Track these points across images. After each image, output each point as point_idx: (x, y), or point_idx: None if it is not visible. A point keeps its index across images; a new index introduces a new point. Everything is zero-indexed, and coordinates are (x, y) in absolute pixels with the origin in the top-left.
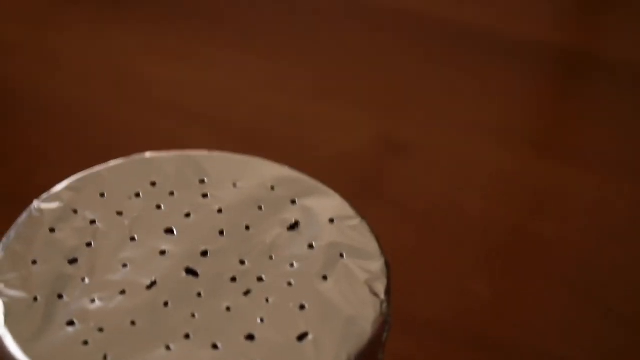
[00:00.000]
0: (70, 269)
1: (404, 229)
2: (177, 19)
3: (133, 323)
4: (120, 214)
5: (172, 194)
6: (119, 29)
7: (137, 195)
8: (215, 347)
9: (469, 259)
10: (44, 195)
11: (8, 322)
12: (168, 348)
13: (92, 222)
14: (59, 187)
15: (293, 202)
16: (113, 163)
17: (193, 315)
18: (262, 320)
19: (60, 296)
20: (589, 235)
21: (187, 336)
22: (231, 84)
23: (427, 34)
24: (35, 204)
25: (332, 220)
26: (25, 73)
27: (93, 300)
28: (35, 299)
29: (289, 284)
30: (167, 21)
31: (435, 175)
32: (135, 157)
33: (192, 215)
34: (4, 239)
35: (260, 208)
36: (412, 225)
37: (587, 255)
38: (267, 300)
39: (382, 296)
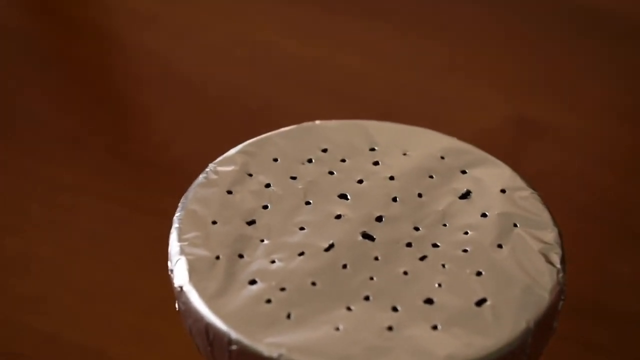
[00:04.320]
0: (249, 230)
1: None
2: None
3: (314, 284)
4: (294, 178)
5: (343, 160)
6: (253, 5)
7: (310, 160)
8: (395, 309)
9: (608, 238)
10: (219, 159)
11: (192, 279)
12: (349, 309)
13: (267, 185)
14: (232, 151)
15: (463, 172)
16: (283, 129)
17: (371, 278)
18: (439, 285)
19: (240, 256)
20: None
21: (366, 298)
22: (365, 60)
23: (561, 15)
24: (211, 166)
25: (503, 191)
26: (163, 45)
27: (273, 261)
28: (217, 257)
29: (464, 250)
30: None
31: (571, 155)
32: (305, 124)
33: (364, 182)
34: (182, 199)
35: (431, 177)
36: (550, 205)
37: None
38: (443, 266)
39: (558, 265)
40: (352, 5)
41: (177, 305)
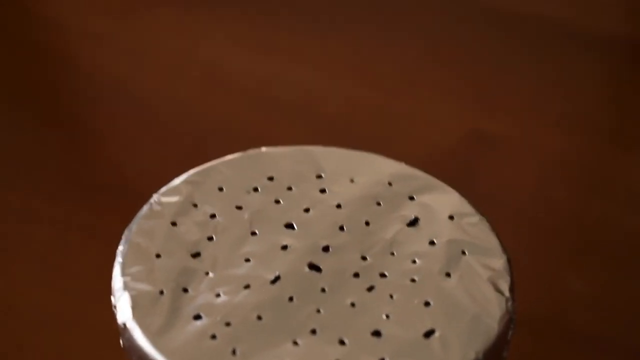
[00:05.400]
0: (193, 262)
1: (496, 223)
2: (263, 11)
3: (259, 317)
4: (239, 208)
5: (289, 188)
6: (205, 21)
7: (255, 189)
8: (342, 342)
9: (562, 252)
10: (163, 189)
11: (136, 315)
12: (295, 343)
13: (212, 216)
14: (177, 181)
15: (411, 198)
16: (229, 157)
17: (318, 311)
18: (387, 316)
19: (185, 290)
20: None
21: (313, 331)
22: (317, 76)
23: (514, 28)
24: (155, 197)
25: (451, 217)
26: (113, 65)
27: (218, 295)
28: (161, 292)
29: (412, 280)
30: (252, 13)
31: (526, 169)
32: (251, 151)
33: (311, 210)
34: (126, 232)
35: (378, 204)
36: (505, 219)
37: None
38: (391, 296)
39: (507, 294)
40: (304, 21)
41: (121, 342)
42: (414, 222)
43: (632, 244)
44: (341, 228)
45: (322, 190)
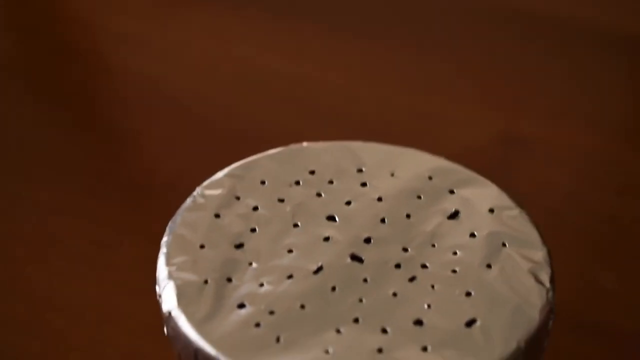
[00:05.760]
0: (237, 253)
1: None
2: (295, 13)
3: (302, 307)
4: (281, 201)
5: (331, 182)
6: (238, 21)
7: (297, 183)
8: (384, 331)
9: (594, 251)
10: (206, 182)
11: (181, 304)
12: (338, 331)
13: (255, 208)
14: (220, 174)
15: (451, 192)
16: (271, 152)
17: (360, 300)
18: (429, 306)
19: (229, 279)
20: None
21: (356, 320)
22: (349, 77)
23: (544, 30)
24: (199, 190)
25: (491, 210)
26: (146, 65)
27: (262, 284)
28: (206, 281)
29: (453, 271)
30: (285, 15)
31: (557, 169)
32: (292, 146)
33: (352, 203)
34: (170, 224)
35: (419, 197)
36: (538, 220)
37: None
38: (432, 286)
39: (548, 284)
40: (337, 22)
41: (165, 330)
42: (454, 215)
43: None
44: (382, 220)
45: (363, 184)
